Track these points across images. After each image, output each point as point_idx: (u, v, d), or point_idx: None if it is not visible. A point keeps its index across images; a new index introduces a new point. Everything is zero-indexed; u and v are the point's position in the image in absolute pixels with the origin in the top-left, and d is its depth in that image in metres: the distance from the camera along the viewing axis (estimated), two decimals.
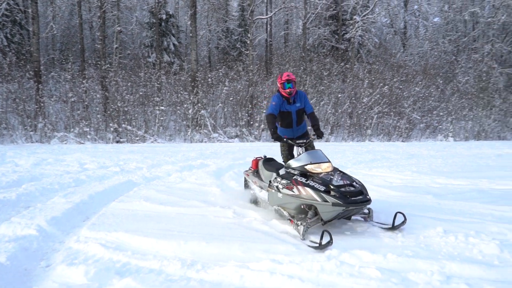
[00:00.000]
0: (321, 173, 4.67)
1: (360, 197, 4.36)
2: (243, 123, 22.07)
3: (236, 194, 6.71)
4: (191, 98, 21.61)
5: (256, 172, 5.93)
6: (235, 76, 23.88)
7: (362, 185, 4.62)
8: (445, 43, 31.01)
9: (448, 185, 7.64)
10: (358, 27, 27.35)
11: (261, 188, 5.57)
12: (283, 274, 3.42)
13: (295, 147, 5.63)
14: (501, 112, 25.16)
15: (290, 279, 3.33)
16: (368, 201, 4.40)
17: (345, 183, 4.54)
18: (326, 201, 4.24)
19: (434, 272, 3.39)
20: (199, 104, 21.61)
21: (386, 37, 33.84)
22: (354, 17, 27.71)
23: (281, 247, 4.18)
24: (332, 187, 4.39)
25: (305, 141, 5.47)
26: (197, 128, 21.43)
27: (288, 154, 5.89)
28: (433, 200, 6.27)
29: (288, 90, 5.59)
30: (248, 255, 3.94)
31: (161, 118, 21.13)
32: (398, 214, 4.67)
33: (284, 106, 5.69)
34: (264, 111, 22.23)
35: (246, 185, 6.44)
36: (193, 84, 22.26)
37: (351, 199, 4.29)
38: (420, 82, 25.46)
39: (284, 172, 5.06)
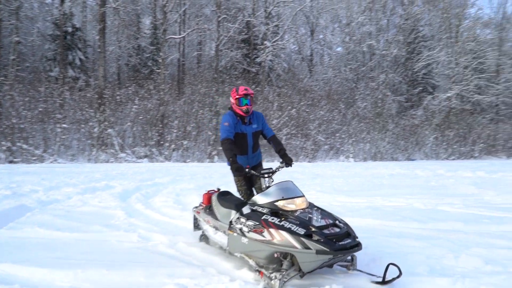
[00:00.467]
0: (295, 210, 3.79)
1: (349, 240, 3.56)
2: (153, 142, 21.51)
3: (144, 219, 6.46)
4: (97, 116, 20.54)
5: (208, 209, 4.91)
6: (146, 94, 23.30)
7: (347, 224, 3.86)
8: (346, 71, 33.65)
9: (347, 203, 8.21)
10: (269, 52, 28.57)
11: (216, 229, 4.65)
12: None
13: (258, 180, 4.68)
14: (394, 135, 27.81)
15: None
16: (359, 245, 3.58)
17: (328, 222, 3.72)
18: (309, 248, 3.36)
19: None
20: (106, 122, 20.61)
21: (294, 63, 35.74)
22: (265, 42, 28.93)
23: (187, 270, 4.12)
24: (313, 229, 3.54)
25: (273, 170, 4.46)
26: (103, 147, 20.36)
27: (247, 189, 4.85)
28: None
29: (244, 108, 4.60)
30: (152, 280, 3.83)
31: (63, 137, 19.70)
32: (391, 266, 3.78)
33: (238, 127, 4.67)
34: (175, 131, 21.93)
35: (196, 225, 5.35)
36: (99, 101, 21.21)
37: (339, 244, 3.46)
38: (324, 106, 27.20)
39: (249, 211, 4.07)
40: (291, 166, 4.68)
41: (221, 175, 13.55)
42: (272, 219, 3.71)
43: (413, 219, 6.59)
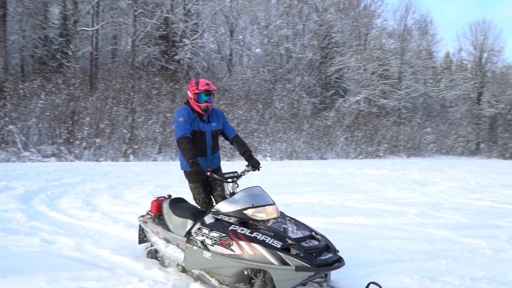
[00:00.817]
0: (267, 220, 3.35)
1: (330, 255, 3.16)
2: (62, 140, 20.09)
3: (48, 222, 6.03)
4: None
5: (158, 219, 4.39)
6: (54, 89, 21.67)
7: (324, 236, 3.46)
8: (264, 72, 34.48)
9: None
10: (188, 50, 28.23)
11: (168, 241, 4.15)
12: None
13: (222, 186, 4.05)
14: (308, 135, 29.12)
15: None
16: (341, 261, 3.18)
17: (305, 234, 3.32)
18: (287, 264, 2.92)
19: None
20: (7, 118, 18.81)
21: (213, 62, 35.74)
22: (184, 40, 28.53)
23: (93, 273, 3.97)
24: (290, 241, 3.12)
25: (238, 173, 3.95)
26: (2, 145, 18.55)
27: (205, 197, 4.23)
28: None
29: (204, 105, 4.04)
30: (54, 286, 3.63)
31: None
32: (373, 285, 3.40)
33: (195, 124, 4.09)
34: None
35: (142, 237, 4.73)
36: None
37: (320, 258, 3.06)
38: (243, 106, 27.59)
39: (212, 220, 3.53)
40: (258, 169, 4.20)
41: (135, 174, 13.13)
42: (242, 230, 3.22)
43: (322, 214, 7.02)
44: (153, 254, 4.51)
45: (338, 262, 3.14)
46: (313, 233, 3.42)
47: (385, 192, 10.31)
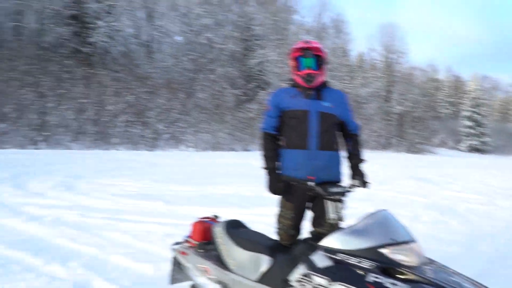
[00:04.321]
0: (414, 266, 2.14)
1: None
2: None
3: None
4: None
5: (204, 249, 3.02)
6: None
7: None
8: (186, 61, 33.74)
9: (179, 191, 8.23)
10: (103, 32, 26.58)
11: (224, 286, 2.78)
12: None
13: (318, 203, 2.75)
14: (232, 127, 29.17)
15: None
16: None
17: None
18: None
19: None
20: None
21: (131, 47, 34.13)
22: (98, 21, 26.79)
23: None
24: None
25: (346, 188, 2.67)
26: None
27: (293, 226, 2.80)
28: (163, 206, 6.62)
29: (305, 72, 2.72)
30: None
31: None
32: None
33: (294, 102, 2.77)
34: None
35: (178, 274, 3.16)
36: None
37: None
38: (164, 95, 26.78)
39: (328, 263, 2.26)
40: (365, 187, 2.79)
41: (45, 163, 12.13)
42: (393, 283, 2.02)
43: (239, 205, 7.00)
44: None
45: None
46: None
47: None
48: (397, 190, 9.94)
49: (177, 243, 3.25)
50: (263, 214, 6.52)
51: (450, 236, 5.41)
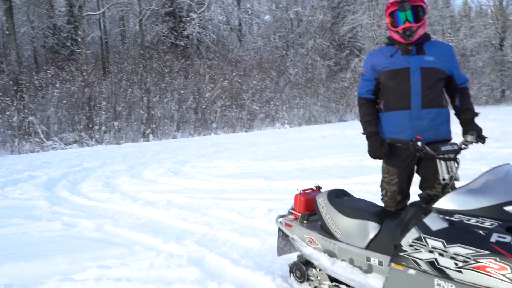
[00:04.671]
0: None
1: None
2: (82, 127, 20.43)
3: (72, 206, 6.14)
4: (15, 104, 19.02)
5: (307, 220, 3.10)
6: (68, 77, 21.88)
7: None
8: (276, 39, 33.79)
9: (278, 167, 8.43)
10: (196, 24, 27.83)
11: (331, 254, 2.81)
12: (110, 278, 3.32)
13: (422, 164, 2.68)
14: (325, 99, 28.69)
15: (117, 282, 3.25)
16: None
17: None
18: None
19: None
20: (26, 110, 19.19)
21: (223, 33, 35.20)
22: (191, 14, 28.11)
23: (112, 251, 4.06)
24: None
25: (458, 145, 2.44)
26: (26, 137, 19.01)
27: (399, 192, 2.74)
28: (264, 182, 6.85)
29: (401, 27, 2.51)
30: (75, 266, 3.71)
31: None
32: None
33: (392, 61, 2.63)
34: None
35: (284, 246, 3.31)
36: (16, 88, 19.60)
37: None
38: (256, 76, 27.26)
39: (444, 225, 2.09)
40: (483, 141, 2.58)
41: (154, 153, 13.29)
42: None
43: (338, 176, 6.93)
44: (303, 271, 3.06)
45: None
46: None
47: None
48: None
49: (281, 216, 3.34)
50: (364, 183, 6.40)
51: None
